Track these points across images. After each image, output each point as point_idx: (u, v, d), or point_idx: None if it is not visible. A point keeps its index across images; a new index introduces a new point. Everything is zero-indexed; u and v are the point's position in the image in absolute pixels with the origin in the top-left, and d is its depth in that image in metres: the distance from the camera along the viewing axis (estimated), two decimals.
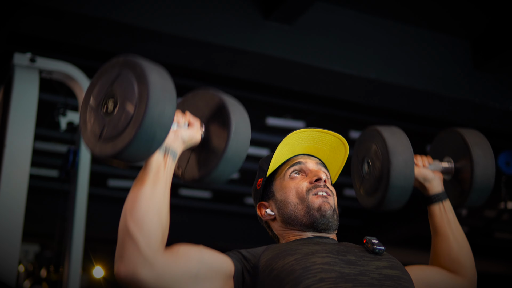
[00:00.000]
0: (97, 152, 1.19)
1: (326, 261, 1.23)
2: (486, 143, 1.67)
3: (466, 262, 1.60)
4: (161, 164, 1.22)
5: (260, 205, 1.46)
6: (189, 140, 1.28)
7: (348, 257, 1.27)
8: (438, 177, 1.66)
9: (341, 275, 1.20)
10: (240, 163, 1.30)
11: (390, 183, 1.52)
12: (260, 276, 1.23)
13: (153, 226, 1.15)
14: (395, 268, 1.29)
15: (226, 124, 1.27)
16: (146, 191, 1.18)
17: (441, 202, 1.63)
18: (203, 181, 1.30)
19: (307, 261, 1.22)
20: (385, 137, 1.55)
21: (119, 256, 1.15)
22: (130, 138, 1.13)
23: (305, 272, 1.19)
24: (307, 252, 1.24)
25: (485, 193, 1.65)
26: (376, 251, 1.31)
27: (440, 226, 1.62)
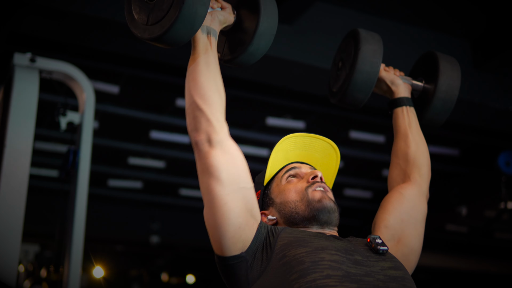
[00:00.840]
0: (146, 37, 1.33)
1: (334, 258, 1.25)
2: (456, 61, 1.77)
3: (422, 160, 1.65)
4: (207, 43, 1.37)
5: (261, 215, 1.47)
6: (224, 21, 1.44)
7: (355, 256, 1.29)
8: (407, 87, 1.76)
9: (347, 274, 1.23)
10: (271, 38, 1.46)
11: (356, 68, 1.63)
12: (273, 257, 1.27)
13: (216, 98, 1.33)
14: (399, 269, 1.31)
15: (255, 3, 1.43)
16: (202, 68, 1.34)
17: (405, 106, 1.72)
18: (240, 58, 1.45)
19: (317, 256, 1.24)
20: (360, 31, 1.68)
21: (194, 128, 1.31)
22: (175, 16, 1.27)
23: (313, 266, 1.22)
24: (317, 247, 1.27)
25: (448, 105, 1.72)
26: (380, 251, 1.32)
27: (401, 127, 1.70)
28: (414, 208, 1.57)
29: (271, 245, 1.29)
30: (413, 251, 1.52)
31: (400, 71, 1.80)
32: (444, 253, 8.91)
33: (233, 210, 1.27)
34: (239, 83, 4.61)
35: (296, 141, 1.51)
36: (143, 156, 6.40)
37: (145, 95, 5.40)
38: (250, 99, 5.00)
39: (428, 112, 1.75)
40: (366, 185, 7.33)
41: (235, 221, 1.27)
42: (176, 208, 8.11)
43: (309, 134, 1.53)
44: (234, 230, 1.27)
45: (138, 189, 7.23)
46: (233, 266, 1.28)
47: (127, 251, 10.39)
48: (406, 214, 1.55)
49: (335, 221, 1.42)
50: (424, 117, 1.76)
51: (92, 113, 3.10)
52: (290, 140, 1.50)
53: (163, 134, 5.70)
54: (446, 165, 6.42)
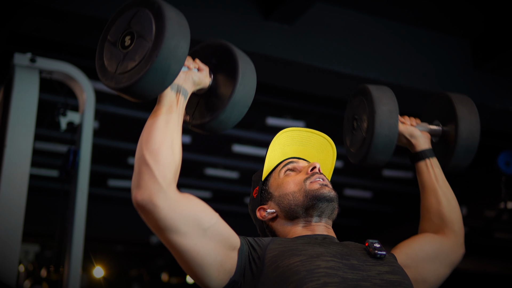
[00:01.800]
0: (112, 85, 1.25)
1: (330, 265, 1.23)
2: (471, 102, 1.73)
3: (455, 217, 1.62)
4: (173, 101, 1.28)
5: (260, 209, 1.47)
6: (199, 82, 1.35)
7: (352, 261, 1.27)
8: (426, 136, 1.72)
9: (344, 281, 1.21)
10: (245, 110, 1.36)
11: (375, 132, 1.57)
12: (265, 270, 1.25)
13: (167, 157, 1.22)
14: (396, 273, 1.30)
15: (234, 69, 1.34)
16: (160, 124, 1.25)
17: (428, 158, 1.67)
18: (210, 125, 1.37)
19: (312, 264, 1.22)
20: (371, 89, 1.63)
21: (136, 185, 1.20)
22: (146, 68, 1.19)
23: (309, 275, 1.20)
24: (312, 254, 1.25)
25: (471, 150, 1.69)
26: (377, 256, 1.31)
27: (428, 182, 1.66)
28: (444, 252, 1.55)
29: (259, 258, 1.27)
30: (425, 283, 1.50)
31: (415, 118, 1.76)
32: None
33: (208, 255, 1.22)
34: None
35: (293, 135, 1.51)
36: None
37: None
38: None
39: (451, 160, 1.71)
40: (366, 185, 7.33)
41: (215, 262, 1.23)
42: None
43: (305, 129, 1.52)
44: (217, 269, 1.23)
45: None
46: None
47: (127, 251, 10.38)
48: (433, 252, 1.53)
49: (332, 212, 1.41)
50: (447, 165, 1.72)
51: (92, 113, 3.10)
52: (287, 134, 1.50)
53: None
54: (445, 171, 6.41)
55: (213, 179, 7.27)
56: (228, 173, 7.00)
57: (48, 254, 7.07)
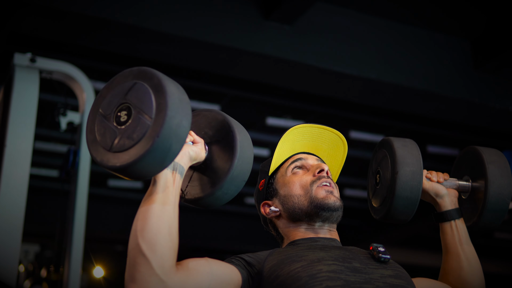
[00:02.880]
0: (105, 163, 1.15)
1: (332, 269, 1.22)
2: (505, 161, 1.62)
3: (476, 283, 1.56)
4: (170, 181, 1.20)
5: (264, 205, 1.46)
6: (195, 157, 1.27)
7: (354, 264, 1.26)
8: (453, 194, 1.62)
9: (346, 284, 1.20)
10: (242, 184, 1.29)
11: (396, 194, 1.51)
12: (264, 282, 1.23)
13: (165, 245, 1.13)
14: (400, 278, 1.28)
15: (231, 143, 1.27)
16: (156, 209, 1.15)
17: (453, 220, 1.60)
18: (205, 200, 1.29)
19: (313, 269, 1.21)
20: (396, 147, 1.54)
21: (131, 278, 1.12)
22: (146, 148, 1.10)
23: (311, 280, 1.19)
24: (313, 259, 1.24)
25: (500, 213, 1.59)
26: (381, 259, 1.30)
27: (451, 245, 1.59)
28: None
29: (258, 273, 1.25)
30: None
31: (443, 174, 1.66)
32: None
33: None
34: (239, 83, 4.61)
35: (304, 131, 1.48)
36: None
37: None
38: (250, 99, 5.00)
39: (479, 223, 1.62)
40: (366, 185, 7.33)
41: None
42: None
43: (317, 125, 1.49)
44: None
45: (138, 189, 7.23)
46: None
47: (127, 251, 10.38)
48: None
49: (337, 219, 1.40)
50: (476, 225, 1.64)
51: None
52: (298, 130, 1.47)
53: None
54: (446, 165, 6.41)
55: None
56: None
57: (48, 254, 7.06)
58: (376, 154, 1.68)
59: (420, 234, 7.64)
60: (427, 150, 5.85)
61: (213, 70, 4.07)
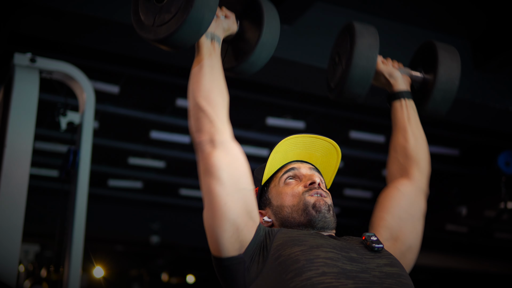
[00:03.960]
0: (152, 37, 1.35)
1: (329, 256, 1.25)
2: (455, 51, 1.73)
3: (422, 155, 1.64)
4: (211, 48, 1.41)
5: None
6: (228, 28, 1.48)
7: (351, 254, 1.29)
8: (406, 79, 1.75)
9: (342, 271, 1.23)
10: (272, 51, 1.49)
11: (352, 62, 1.61)
12: (269, 257, 1.27)
13: (219, 100, 1.35)
14: (394, 265, 1.31)
15: (259, 14, 1.46)
16: (206, 72, 1.37)
17: (404, 99, 1.70)
18: (240, 68, 1.48)
19: (312, 254, 1.24)
20: (355, 24, 1.67)
21: (197, 129, 1.33)
22: (184, 18, 1.29)
23: (308, 264, 1.22)
24: (312, 245, 1.27)
25: (449, 95, 1.70)
26: (375, 249, 1.33)
27: (400, 121, 1.68)
28: (412, 205, 1.56)
29: (267, 247, 1.30)
30: (411, 249, 1.51)
31: (398, 62, 1.79)
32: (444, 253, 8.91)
33: (232, 210, 1.28)
34: (239, 83, 4.61)
35: (296, 141, 1.50)
36: (143, 156, 6.41)
37: (145, 95, 5.40)
38: (250, 99, 5.00)
39: (428, 104, 1.72)
40: (366, 185, 7.33)
41: (234, 222, 1.28)
42: (176, 208, 8.11)
43: (309, 134, 1.52)
44: (233, 230, 1.28)
45: (138, 189, 7.23)
46: (230, 267, 1.29)
47: (127, 251, 10.38)
48: (404, 212, 1.54)
49: (331, 225, 1.41)
50: (424, 109, 1.73)
51: (92, 113, 3.10)
52: (290, 141, 1.49)
53: (163, 134, 5.70)
54: (446, 165, 6.42)
55: None
56: None
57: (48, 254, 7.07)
58: (336, 42, 1.78)
59: None
60: None
61: None
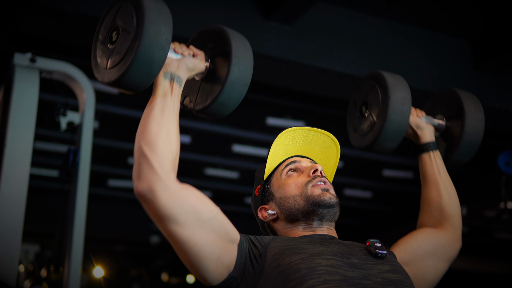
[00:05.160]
0: (105, 81, 1.29)
1: (330, 263, 1.24)
2: (477, 100, 1.73)
3: (455, 210, 1.64)
4: (168, 89, 1.31)
5: (261, 209, 1.47)
6: (193, 68, 1.37)
7: (352, 260, 1.28)
8: (430, 128, 1.73)
9: (344, 278, 1.22)
10: (245, 89, 1.38)
11: (387, 118, 1.57)
12: (266, 267, 1.25)
13: (164, 147, 1.24)
14: (397, 272, 1.30)
15: (227, 50, 1.36)
16: (156, 114, 1.27)
17: (432, 151, 1.69)
18: (211, 108, 1.39)
19: (313, 262, 1.23)
20: (385, 76, 1.62)
21: (136, 176, 1.23)
22: (131, 58, 1.22)
23: (309, 272, 1.21)
24: (312, 253, 1.25)
25: (474, 146, 1.70)
26: (378, 255, 1.32)
27: (430, 175, 1.67)
28: (442, 246, 1.56)
29: (260, 255, 1.27)
30: (426, 280, 1.51)
31: (421, 110, 1.77)
32: None
33: (205, 246, 1.23)
34: None
35: (296, 135, 1.50)
36: None
37: (145, 95, 5.39)
38: (250, 99, 5.00)
39: (453, 155, 1.72)
40: (366, 185, 7.33)
41: (212, 255, 1.24)
42: None
43: (308, 127, 1.51)
44: (215, 262, 1.24)
45: None
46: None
47: (127, 251, 10.39)
48: (431, 247, 1.54)
49: (334, 216, 1.41)
50: (449, 159, 1.73)
51: (92, 113, 3.10)
52: (289, 134, 1.49)
53: None
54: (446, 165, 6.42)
55: (213, 179, 7.27)
56: (228, 173, 7.00)
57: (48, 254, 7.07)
58: (360, 88, 1.75)
59: None
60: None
61: None
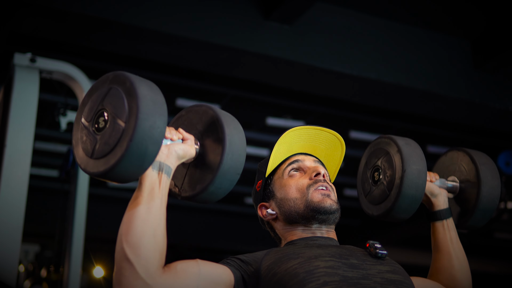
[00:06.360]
0: (90, 171, 1.17)
1: (329, 264, 1.23)
2: (493, 164, 1.68)
3: (465, 281, 1.61)
4: (155, 182, 1.18)
5: (261, 206, 1.46)
6: (183, 155, 1.24)
7: (351, 260, 1.27)
8: (444, 194, 1.65)
9: (344, 279, 1.21)
10: (236, 178, 1.27)
11: (402, 192, 1.51)
12: (262, 281, 1.23)
13: (150, 248, 1.12)
14: (397, 273, 1.30)
15: (220, 137, 1.25)
16: (141, 212, 1.14)
17: (446, 219, 1.63)
18: (200, 197, 1.28)
19: (311, 265, 1.22)
20: (400, 145, 1.55)
21: (117, 283, 1.12)
22: (122, 153, 1.11)
23: (308, 276, 1.19)
24: (310, 256, 1.24)
25: (489, 213, 1.64)
26: (378, 255, 1.31)
27: (442, 244, 1.62)
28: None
29: (254, 271, 1.25)
30: None
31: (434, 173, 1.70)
32: None
33: None
34: (239, 83, 4.61)
35: (301, 133, 1.48)
36: None
37: None
38: (250, 99, 5.00)
39: (468, 222, 1.67)
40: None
41: None
42: (176, 208, 8.11)
43: (314, 126, 1.49)
44: None
45: None
46: None
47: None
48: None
49: (334, 221, 1.40)
50: (463, 225, 1.69)
51: None
52: (295, 132, 1.46)
53: None
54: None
55: None
56: None
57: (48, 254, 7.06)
58: (373, 151, 1.67)
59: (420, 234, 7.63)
60: (427, 150, 5.85)
61: (213, 70, 4.07)
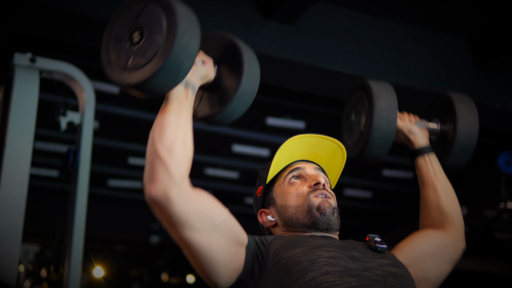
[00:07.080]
0: (121, 82, 1.24)
1: (331, 255, 1.25)
2: (471, 101, 1.73)
3: (455, 211, 1.63)
4: (183, 96, 1.28)
5: (261, 213, 1.47)
6: (205, 76, 1.35)
7: (353, 253, 1.29)
8: (424, 133, 1.73)
9: (345, 270, 1.23)
10: (250, 102, 1.36)
11: (373, 125, 1.58)
12: (268, 264, 1.26)
13: (181, 151, 1.22)
14: (397, 266, 1.32)
15: (239, 62, 1.33)
16: (172, 119, 1.24)
17: (427, 154, 1.68)
18: (215, 118, 1.37)
19: (314, 254, 1.24)
20: (371, 84, 1.64)
21: (150, 179, 1.20)
22: (159, 65, 1.18)
23: (311, 264, 1.22)
24: (313, 246, 1.27)
25: (469, 148, 1.70)
26: (378, 249, 1.34)
27: (427, 178, 1.66)
28: (445, 248, 1.55)
29: (262, 255, 1.28)
30: (427, 282, 1.50)
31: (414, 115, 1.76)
32: None
33: (219, 251, 1.23)
34: None
35: (302, 141, 1.49)
36: (143, 156, 6.40)
37: None
38: None
39: (448, 158, 1.72)
40: (366, 185, 7.33)
41: (225, 260, 1.24)
42: None
43: (316, 134, 1.51)
44: (227, 267, 1.25)
45: (138, 189, 7.23)
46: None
47: (127, 251, 10.39)
48: (433, 248, 1.53)
49: (335, 227, 1.41)
50: (444, 163, 1.72)
51: (92, 113, 3.10)
52: (296, 141, 1.48)
53: None
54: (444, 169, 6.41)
55: (213, 179, 7.27)
56: (228, 173, 7.00)
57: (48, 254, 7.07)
58: (350, 98, 1.76)
59: None
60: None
61: None
